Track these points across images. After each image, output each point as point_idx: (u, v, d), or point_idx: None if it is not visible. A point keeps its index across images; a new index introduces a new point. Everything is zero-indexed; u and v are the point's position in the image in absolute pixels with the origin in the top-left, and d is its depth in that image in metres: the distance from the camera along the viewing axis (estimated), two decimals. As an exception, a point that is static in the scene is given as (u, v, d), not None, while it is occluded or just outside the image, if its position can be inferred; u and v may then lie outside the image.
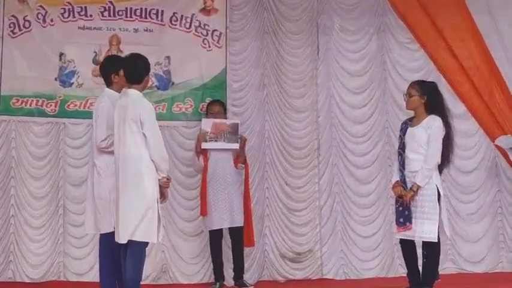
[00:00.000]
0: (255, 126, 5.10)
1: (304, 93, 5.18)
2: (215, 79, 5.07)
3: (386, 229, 5.03)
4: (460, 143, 4.83)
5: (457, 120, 4.72)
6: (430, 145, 3.64)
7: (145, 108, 3.22)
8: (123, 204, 3.18)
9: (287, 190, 5.12)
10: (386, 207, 5.03)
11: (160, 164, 3.20)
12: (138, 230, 3.15)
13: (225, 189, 4.59)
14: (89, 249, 4.71)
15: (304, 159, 5.13)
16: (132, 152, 3.19)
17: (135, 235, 3.16)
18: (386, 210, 5.02)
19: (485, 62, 5.15)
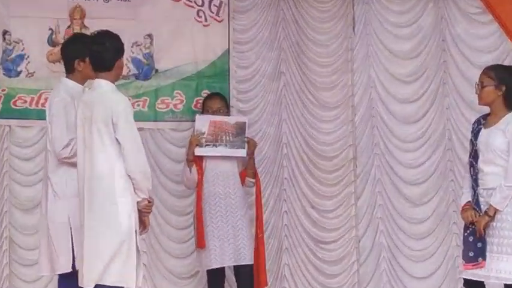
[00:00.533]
0: (269, 128, 4.40)
1: (335, 84, 4.44)
2: (214, 65, 4.38)
3: (448, 267, 4.34)
4: None
5: None
6: None
7: (119, 105, 2.83)
8: (89, 236, 2.79)
9: (313, 215, 4.38)
10: (448, 238, 4.35)
11: (139, 182, 2.81)
12: (108, 271, 2.77)
13: (228, 213, 3.94)
14: (44, 298, 4.07)
15: (335, 173, 4.42)
16: (101, 165, 2.79)
17: (104, 278, 2.79)
18: (449, 242, 4.33)
19: None
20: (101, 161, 2.76)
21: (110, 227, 2.72)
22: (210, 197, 3.88)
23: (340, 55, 4.40)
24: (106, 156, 2.77)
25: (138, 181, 2.77)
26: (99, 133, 2.76)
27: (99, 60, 2.84)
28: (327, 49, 4.37)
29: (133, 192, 2.77)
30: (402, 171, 4.41)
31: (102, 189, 2.76)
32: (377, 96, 4.45)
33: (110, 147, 2.76)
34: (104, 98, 2.81)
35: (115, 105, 2.78)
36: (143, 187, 2.79)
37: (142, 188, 2.79)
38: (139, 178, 2.78)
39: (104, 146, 2.76)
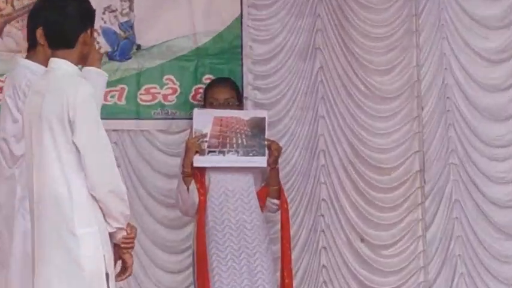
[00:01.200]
0: (299, 128, 3.51)
1: (393, 64, 3.49)
2: (221, 39, 3.48)
3: None
4: None
5: None
6: None
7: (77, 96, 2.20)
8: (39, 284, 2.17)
9: (363, 252, 3.46)
10: None
11: (109, 205, 2.15)
12: None
13: (241, 250, 3.21)
14: None
15: (394, 191, 3.47)
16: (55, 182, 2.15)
17: None
18: None
19: None
20: (53, 176, 2.17)
21: (69, 270, 2.13)
22: (217, 228, 3.11)
23: (400, 23, 3.42)
24: (62, 167, 2.17)
25: (107, 204, 2.17)
26: (52, 135, 2.18)
27: (56, 33, 2.27)
28: (381, 15, 3.41)
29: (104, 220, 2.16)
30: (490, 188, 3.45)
31: (57, 216, 2.16)
32: (453, 81, 3.46)
33: (66, 155, 2.17)
34: (60, 84, 2.20)
35: (72, 95, 2.17)
36: (115, 212, 2.19)
37: (114, 214, 2.19)
38: (109, 200, 2.18)
39: (58, 154, 2.16)
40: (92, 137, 2.17)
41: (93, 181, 2.15)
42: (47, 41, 2.29)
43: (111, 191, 2.17)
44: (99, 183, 2.16)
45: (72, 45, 2.20)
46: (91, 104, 2.20)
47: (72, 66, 2.22)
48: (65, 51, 2.22)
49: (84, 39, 2.23)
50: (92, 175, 2.14)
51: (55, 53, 2.24)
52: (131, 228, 2.20)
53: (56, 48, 2.22)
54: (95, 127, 2.17)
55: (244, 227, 3.12)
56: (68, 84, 2.18)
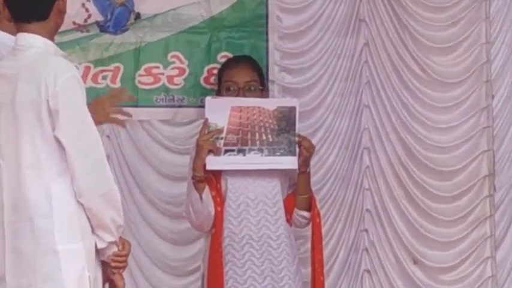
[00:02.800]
0: (338, 121, 3.01)
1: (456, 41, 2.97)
2: (241, 6, 2.97)
3: None
4: None
5: None
6: None
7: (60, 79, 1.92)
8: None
9: (418, 276, 2.98)
10: None
11: (100, 214, 1.93)
12: None
13: (264, 272, 2.71)
14: None
15: (457, 201, 2.98)
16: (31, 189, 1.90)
17: None
18: None
19: None
20: (30, 180, 1.91)
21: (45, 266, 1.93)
22: (235, 245, 2.65)
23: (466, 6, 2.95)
24: (39, 169, 1.92)
25: (98, 212, 1.95)
26: (28, 130, 1.94)
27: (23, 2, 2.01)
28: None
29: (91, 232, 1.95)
30: None
31: (32, 230, 1.95)
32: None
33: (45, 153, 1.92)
34: (36, 66, 1.94)
35: (52, 79, 1.91)
36: (107, 222, 1.96)
37: (105, 224, 1.96)
38: (100, 207, 1.96)
39: (35, 152, 1.92)
40: (79, 130, 1.87)
41: (81, 185, 1.87)
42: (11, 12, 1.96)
43: (102, 195, 1.88)
44: (88, 187, 1.88)
45: (45, 16, 1.90)
46: (76, 90, 1.88)
47: (46, 43, 1.93)
48: (37, 24, 1.92)
49: (58, 7, 1.93)
50: (79, 178, 1.87)
51: (24, 27, 1.93)
52: (124, 243, 1.93)
53: (25, 21, 1.91)
54: (82, 118, 1.86)
55: (269, 245, 2.63)
56: (45, 66, 1.89)
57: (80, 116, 1.87)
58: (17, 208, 1.89)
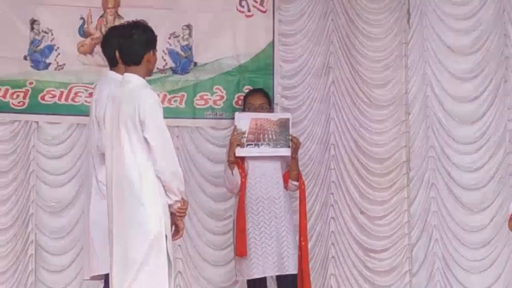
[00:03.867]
0: (315, 128, 4.26)
1: (387, 80, 4.29)
2: (257, 59, 4.22)
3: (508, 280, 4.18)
4: None
5: None
6: None
7: (146, 102, 2.69)
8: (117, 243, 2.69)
9: (362, 222, 4.22)
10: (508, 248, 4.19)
11: (170, 183, 2.70)
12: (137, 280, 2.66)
13: (271, 219, 3.78)
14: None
15: (387, 176, 4.25)
16: (130, 167, 2.68)
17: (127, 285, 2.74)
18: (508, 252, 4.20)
19: None
20: (129, 162, 2.66)
21: (138, 232, 2.62)
22: (253, 202, 3.74)
23: (393, 49, 4.22)
24: (134, 156, 2.65)
25: (168, 182, 2.66)
26: (127, 132, 2.65)
27: (126, 54, 2.74)
28: (379, 43, 4.20)
29: (164, 194, 2.67)
30: (459, 175, 4.26)
31: (130, 192, 2.66)
32: (432, 94, 4.27)
33: (138, 147, 2.66)
34: (132, 94, 2.67)
35: (143, 101, 2.63)
36: (174, 188, 2.67)
37: (173, 190, 2.67)
38: (170, 179, 2.67)
39: (132, 146, 2.65)
40: (157, 132, 2.62)
41: (158, 165, 2.62)
42: (122, 60, 2.76)
43: (172, 172, 2.64)
44: (163, 166, 2.61)
45: (138, 63, 2.68)
46: (156, 108, 2.66)
47: (140, 80, 2.69)
48: (134, 67, 2.69)
49: (148, 58, 2.69)
50: (158, 162, 2.61)
51: (128, 69, 2.71)
52: (184, 201, 2.71)
53: (128, 65, 2.70)
54: (159, 125, 2.63)
55: (273, 202, 3.72)
56: (140, 93, 2.64)
57: (158, 124, 2.61)
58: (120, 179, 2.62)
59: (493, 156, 4.20)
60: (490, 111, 4.22)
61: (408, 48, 4.24)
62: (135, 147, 2.63)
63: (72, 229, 4.01)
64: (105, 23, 4.00)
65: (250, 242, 3.69)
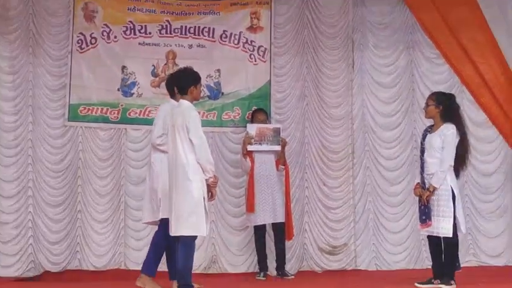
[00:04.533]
0: (296, 132, 5.66)
1: (340, 103, 5.73)
2: (260, 90, 5.61)
3: (413, 225, 5.45)
4: (481, 149, 5.61)
5: (479, 128, 5.55)
6: (444, 150, 4.04)
7: (191, 117, 3.60)
8: (175, 203, 3.59)
9: (324, 190, 5.66)
10: (413, 206, 5.32)
11: (206, 167, 3.58)
12: (186, 226, 3.56)
13: (268, 188, 5.10)
14: (146, 241, 4.95)
15: (340, 162, 5.68)
16: (181, 157, 3.58)
17: (184, 230, 3.58)
18: (414, 209, 5.29)
19: (504, 74, 5.69)
20: (181, 155, 3.56)
21: (187, 198, 3.55)
22: (257, 178, 5.05)
23: (343, 84, 5.66)
24: (183, 151, 3.55)
25: (204, 165, 3.58)
26: (179, 134, 3.57)
27: (178, 88, 3.76)
28: (334, 80, 5.66)
29: (202, 173, 3.61)
30: (384, 162, 5.68)
31: (181, 174, 3.58)
32: (367, 112, 5.71)
33: (186, 145, 3.56)
34: (183, 112, 3.66)
35: (187, 116, 3.60)
36: (208, 169, 3.60)
37: (207, 170, 3.60)
38: (205, 163, 3.58)
39: (182, 144, 3.56)
40: (198, 136, 3.50)
41: (199, 156, 3.51)
42: (177, 91, 3.77)
43: (206, 160, 3.54)
44: (201, 156, 3.52)
45: (186, 93, 3.68)
46: (196, 120, 3.54)
47: (188, 103, 3.63)
48: (185, 96, 3.67)
49: (191, 90, 3.66)
50: (198, 153, 3.50)
51: (181, 97, 3.69)
52: (216, 177, 3.63)
53: (181, 94, 3.70)
54: (199, 131, 3.53)
55: (270, 177, 5.03)
56: (187, 111, 3.57)
57: (198, 130, 3.52)
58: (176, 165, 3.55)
59: (404, 150, 5.64)
60: (403, 123, 5.67)
61: (352, 83, 5.66)
62: (184, 144, 3.56)
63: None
64: (167, 68, 5.43)
65: (256, 202, 4.94)
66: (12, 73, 5.40)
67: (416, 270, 5.41)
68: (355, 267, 5.56)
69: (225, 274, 5.36)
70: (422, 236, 4.85)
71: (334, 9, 5.68)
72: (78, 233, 5.33)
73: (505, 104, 5.66)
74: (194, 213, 3.52)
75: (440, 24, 5.64)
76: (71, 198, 5.35)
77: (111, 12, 5.53)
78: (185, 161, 3.49)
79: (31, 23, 5.48)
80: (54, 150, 5.41)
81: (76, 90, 5.41)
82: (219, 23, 5.59)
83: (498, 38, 5.63)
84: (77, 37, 5.48)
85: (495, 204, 5.69)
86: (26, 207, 5.29)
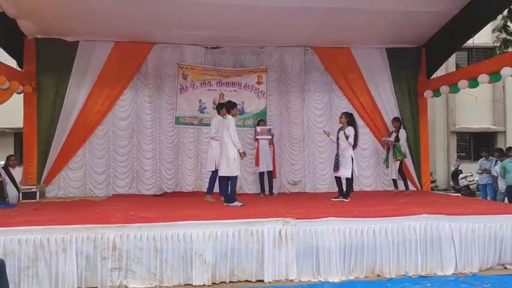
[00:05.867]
0: (277, 130, 11.87)
1: (297, 117, 12.01)
2: (262, 111, 11.83)
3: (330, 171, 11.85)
4: (363, 137, 12.07)
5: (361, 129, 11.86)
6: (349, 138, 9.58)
7: (230, 122, 7.98)
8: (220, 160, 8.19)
9: (290, 156, 12.14)
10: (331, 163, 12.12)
11: (236, 145, 8.07)
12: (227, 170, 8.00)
13: (265, 155, 10.84)
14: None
15: (297, 144, 12.03)
16: (225, 141, 8.08)
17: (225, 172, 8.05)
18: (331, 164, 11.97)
19: (372, 103, 12.35)
20: (225, 139, 8.09)
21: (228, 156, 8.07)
22: (260, 150, 10.67)
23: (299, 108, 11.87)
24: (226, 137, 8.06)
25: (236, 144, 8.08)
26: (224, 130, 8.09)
27: (226, 108, 8.38)
28: (295, 106, 11.82)
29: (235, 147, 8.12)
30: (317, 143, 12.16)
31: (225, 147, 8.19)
32: (310, 120, 12.20)
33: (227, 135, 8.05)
34: (228, 120, 8.09)
35: (229, 122, 8.02)
36: (238, 146, 8.09)
37: (237, 146, 8.08)
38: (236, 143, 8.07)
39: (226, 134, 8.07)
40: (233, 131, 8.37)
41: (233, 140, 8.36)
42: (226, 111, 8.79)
43: (237, 142, 8.40)
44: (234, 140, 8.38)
45: (230, 112, 8.54)
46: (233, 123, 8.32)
47: (230, 117, 8.39)
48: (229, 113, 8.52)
49: (232, 112, 8.55)
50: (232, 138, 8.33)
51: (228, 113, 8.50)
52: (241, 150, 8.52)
53: (228, 112, 8.51)
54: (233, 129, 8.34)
55: (267, 150, 10.83)
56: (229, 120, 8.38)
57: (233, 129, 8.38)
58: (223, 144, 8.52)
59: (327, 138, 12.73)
60: (327, 126, 11.93)
61: (303, 107, 11.96)
62: (226, 135, 8.17)
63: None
64: (220, 100, 11.51)
65: (259, 161, 10.76)
66: (150, 102, 11.94)
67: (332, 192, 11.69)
68: (304, 191, 11.97)
69: (245, 193, 11.10)
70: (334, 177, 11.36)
71: (295, 74, 12.21)
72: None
73: (372, 117, 12.57)
74: (231, 164, 8.01)
75: (343, 80, 12.22)
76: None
77: (194, 75, 11.98)
78: (227, 142, 7.99)
79: (158, 79, 12.05)
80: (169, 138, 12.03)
81: (178, 111, 11.90)
82: (243, 80, 11.95)
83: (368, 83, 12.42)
84: (179, 86, 11.97)
85: (367, 164, 12.51)
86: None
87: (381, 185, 12.36)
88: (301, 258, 6.38)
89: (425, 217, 6.83)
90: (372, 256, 6.57)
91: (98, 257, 6.05)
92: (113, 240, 6.11)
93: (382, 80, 11.95)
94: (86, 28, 10.26)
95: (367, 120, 12.29)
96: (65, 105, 10.93)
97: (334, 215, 6.77)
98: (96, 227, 6.17)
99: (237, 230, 6.32)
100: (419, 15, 9.95)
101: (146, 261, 6.15)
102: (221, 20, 9.85)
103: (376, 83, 11.97)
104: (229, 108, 8.51)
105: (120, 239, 6.12)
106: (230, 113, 8.45)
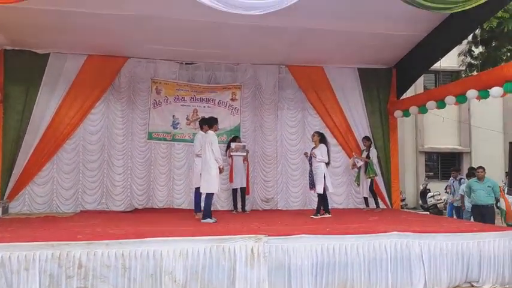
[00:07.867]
0: (251, 146, 12.06)
1: (271, 133, 12.15)
2: (236, 127, 11.91)
3: (304, 188, 12.13)
4: (334, 156, 12.28)
5: (334, 147, 12.13)
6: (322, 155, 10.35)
7: (213, 139, 8.25)
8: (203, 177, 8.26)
9: (263, 172, 12.31)
10: (304, 180, 12.21)
11: (218, 161, 8.30)
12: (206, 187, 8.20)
13: (239, 171, 10.97)
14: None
15: (270, 160, 12.19)
16: (207, 156, 8.25)
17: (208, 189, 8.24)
18: (305, 181, 12.18)
19: (345, 122, 12.59)
20: (207, 156, 8.25)
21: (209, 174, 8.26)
22: (234, 168, 10.86)
23: (273, 125, 12.05)
24: (209, 153, 8.22)
25: (217, 161, 8.33)
26: (207, 147, 8.30)
27: (208, 125, 8.74)
28: (269, 124, 11.99)
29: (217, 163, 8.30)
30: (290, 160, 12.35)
31: (206, 164, 8.30)
32: (284, 137, 12.31)
33: (209, 151, 8.25)
34: (208, 136, 8.35)
35: (210, 138, 8.36)
36: (219, 162, 8.33)
37: (219, 163, 8.33)
38: (218, 160, 8.35)
39: (208, 151, 8.25)
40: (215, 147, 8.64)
41: (215, 157, 8.56)
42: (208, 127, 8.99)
43: (219, 158, 8.58)
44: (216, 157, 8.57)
45: (211, 128, 8.83)
46: (215, 138, 8.57)
47: (212, 132, 8.64)
48: (210, 129, 8.81)
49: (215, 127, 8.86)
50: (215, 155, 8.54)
51: (209, 129, 8.79)
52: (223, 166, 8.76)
53: (209, 128, 8.80)
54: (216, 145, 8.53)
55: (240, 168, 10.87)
56: (211, 136, 8.60)
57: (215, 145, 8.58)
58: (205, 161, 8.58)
59: (300, 155, 12.27)
60: (300, 144, 12.18)
61: (277, 124, 12.16)
62: (208, 150, 8.31)
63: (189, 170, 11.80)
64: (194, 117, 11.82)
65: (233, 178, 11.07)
66: (122, 116, 11.89)
67: (304, 209, 12.10)
68: (277, 208, 12.14)
69: (217, 210, 11.49)
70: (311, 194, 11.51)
71: (269, 91, 12.40)
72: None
73: (344, 135, 12.74)
74: (210, 182, 8.14)
75: (316, 99, 12.43)
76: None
77: (168, 90, 12.05)
78: (209, 158, 8.08)
79: (131, 94, 12.06)
80: (141, 153, 12.04)
81: (151, 126, 11.94)
82: (217, 96, 12.11)
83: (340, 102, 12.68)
84: (153, 101, 12.03)
85: (339, 181, 12.70)
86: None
87: (352, 203, 12.56)
88: (273, 275, 6.41)
89: (396, 235, 6.90)
90: (343, 273, 6.63)
91: (63, 275, 5.89)
92: (79, 258, 5.96)
93: (354, 99, 12.23)
94: (57, 40, 10.23)
95: (339, 139, 12.50)
96: (33, 118, 10.78)
97: (307, 232, 6.72)
98: (61, 244, 6.00)
99: (209, 247, 6.30)
100: (390, 37, 10.25)
101: (113, 280, 6.01)
102: (195, 36, 9.94)
103: (348, 101, 12.25)
104: (212, 124, 8.69)
105: (86, 256, 5.98)
106: (212, 128, 8.63)
